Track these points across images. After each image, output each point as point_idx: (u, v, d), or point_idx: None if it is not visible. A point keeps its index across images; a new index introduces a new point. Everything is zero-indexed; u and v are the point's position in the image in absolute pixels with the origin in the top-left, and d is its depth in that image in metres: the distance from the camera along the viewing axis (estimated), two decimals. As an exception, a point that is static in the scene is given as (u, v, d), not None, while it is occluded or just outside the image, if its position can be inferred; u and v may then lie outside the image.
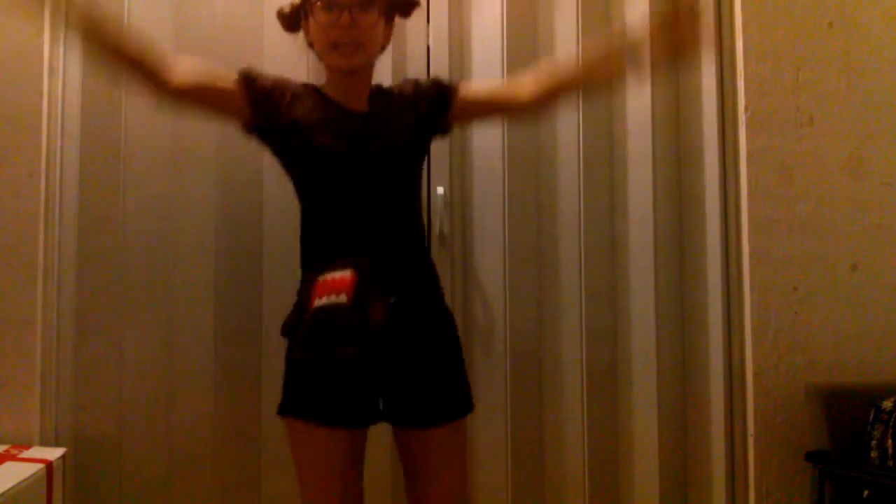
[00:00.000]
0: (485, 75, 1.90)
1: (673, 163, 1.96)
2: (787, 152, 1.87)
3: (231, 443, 1.76)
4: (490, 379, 1.87)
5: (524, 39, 1.92)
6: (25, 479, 1.39)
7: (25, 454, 1.53)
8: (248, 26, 1.82)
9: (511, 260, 1.87)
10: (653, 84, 1.92)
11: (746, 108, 1.85)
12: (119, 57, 1.24)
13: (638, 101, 1.94)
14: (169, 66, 1.25)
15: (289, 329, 1.26)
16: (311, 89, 1.35)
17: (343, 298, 1.13)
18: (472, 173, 1.91)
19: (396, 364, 1.24)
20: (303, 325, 1.19)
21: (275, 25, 1.81)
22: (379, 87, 1.40)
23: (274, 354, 1.77)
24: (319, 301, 1.15)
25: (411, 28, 1.88)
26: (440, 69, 1.87)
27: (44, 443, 1.62)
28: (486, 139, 1.89)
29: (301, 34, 1.37)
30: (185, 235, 1.77)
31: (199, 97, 1.32)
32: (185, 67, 1.27)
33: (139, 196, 1.75)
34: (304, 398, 1.22)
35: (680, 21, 1.31)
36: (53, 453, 1.55)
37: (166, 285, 1.75)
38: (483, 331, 1.88)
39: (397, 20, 1.40)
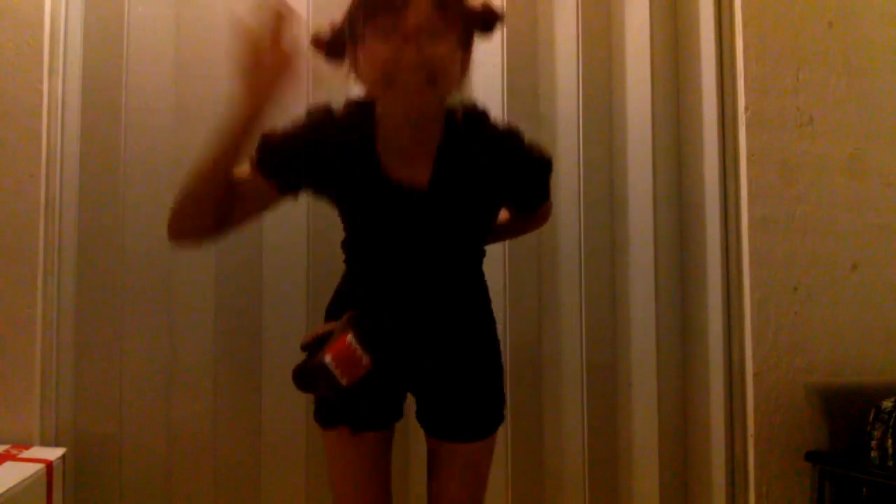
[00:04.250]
0: (485, 75, 1.90)
1: (673, 163, 1.96)
2: (787, 152, 1.87)
3: (231, 443, 1.76)
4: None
5: (524, 39, 1.92)
6: (25, 479, 1.39)
7: (25, 454, 1.52)
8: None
9: (511, 260, 1.87)
10: (653, 84, 1.93)
11: (746, 108, 1.85)
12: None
13: (638, 100, 1.94)
14: None
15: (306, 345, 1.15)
16: (358, 147, 1.07)
17: (343, 381, 1.05)
18: (472, 173, 1.91)
19: (429, 374, 1.21)
20: (309, 360, 1.09)
21: (275, 25, 1.83)
22: (452, 132, 1.10)
23: (274, 354, 1.77)
24: (329, 360, 1.05)
25: (411, 28, 1.88)
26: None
27: (44, 443, 1.61)
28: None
29: (346, 64, 1.10)
30: (185, 235, 1.77)
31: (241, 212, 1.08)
32: None
33: (139, 196, 1.75)
34: (328, 409, 1.20)
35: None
36: (53, 453, 1.54)
37: (166, 285, 1.75)
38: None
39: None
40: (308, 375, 1.08)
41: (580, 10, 1.94)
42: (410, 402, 1.28)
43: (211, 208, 1.03)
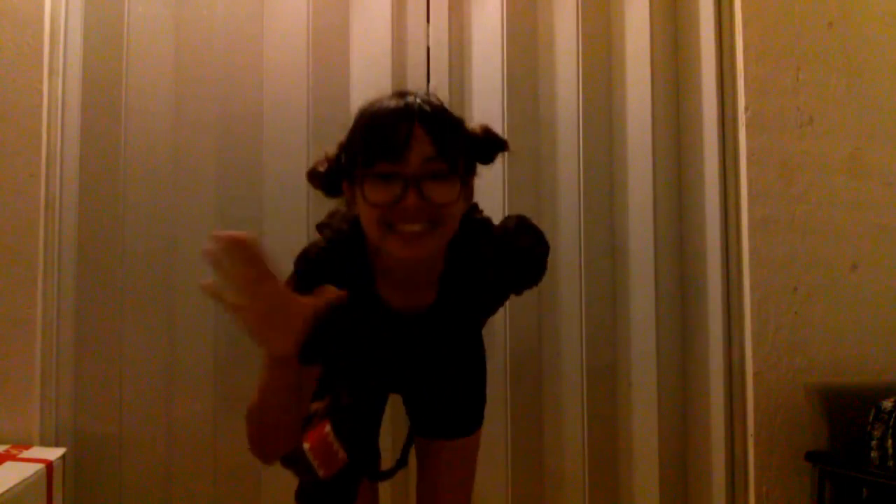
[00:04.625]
0: (485, 75, 1.90)
1: (673, 163, 1.96)
2: (787, 152, 1.87)
3: (231, 443, 1.76)
4: (490, 379, 1.86)
5: (524, 39, 1.92)
6: (25, 479, 1.39)
7: (25, 454, 1.53)
8: (249, 27, 1.82)
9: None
10: (653, 84, 1.93)
11: (746, 108, 1.85)
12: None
13: (638, 100, 1.94)
14: None
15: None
16: (353, 284, 1.00)
17: (321, 473, 1.02)
18: (472, 173, 1.91)
19: (417, 378, 1.24)
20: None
21: (275, 27, 1.83)
22: (455, 255, 1.06)
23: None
24: (308, 448, 1.03)
25: (411, 28, 1.88)
26: (440, 69, 1.87)
27: (44, 443, 1.61)
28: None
29: (344, 199, 1.05)
30: (185, 236, 1.77)
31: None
32: None
33: (139, 196, 1.75)
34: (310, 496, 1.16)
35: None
36: (53, 453, 1.54)
37: (166, 285, 1.75)
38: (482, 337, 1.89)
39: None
40: (289, 455, 1.05)
41: (580, 10, 1.94)
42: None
43: (287, 433, 1.00)
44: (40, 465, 1.47)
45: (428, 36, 1.89)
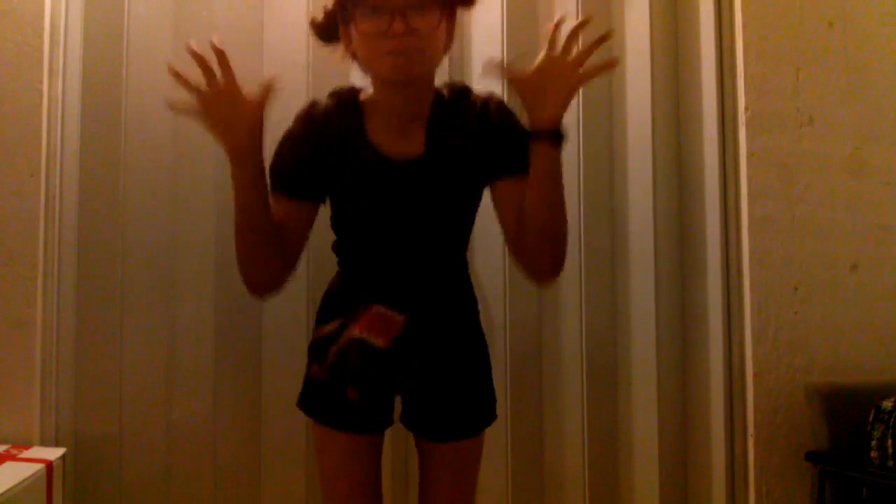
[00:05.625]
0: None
1: (673, 163, 1.96)
2: (787, 152, 1.87)
3: (231, 443, 1.76)
4: (490, 379, 1.87)
5: (524, 39, 1.92)
6: (25, 479, 1.39)
7: (25, 454, 1.53)
8: (249, 26, 1.82)
9: (511, 259, 1.87)
10: (653, 84, 1.93)
11: (746, 108, 1.85)
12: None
13: (638, 100, 1.94)
14: None
15: (317, 346, 1.20)
16: (348, 129, 1.18)
17: (380, 343, 1.11)
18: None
19: (418, 376, 1.23)
20: (333, 346, 1.15)
21: (275, 25, 1.83)
22: (440, 106, 1.20)
23: (274, 354, 1.77)
24: (359, 332, 1.12)
25: (411, 28, 1.88)
26: (440, 69, 1.87)
27: (44, 443, 1.62)
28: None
29: (341, 46, 1.19)
30: (186, 235, 1.77)
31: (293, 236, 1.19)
32: None
33: (139, 196, 1.75)
34: (320, 407, 1.23)
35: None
36: (53, 453, 1.55)
37: (166, 285, 1.75)
38: (483, 330, 1.89)
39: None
40: (341, 356, 1.12)
41: (580, 11, 1.94)
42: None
43: (267, 253, 1.15)
44: (40, 465, 1.47)
45: (428, 36, 1.89)
